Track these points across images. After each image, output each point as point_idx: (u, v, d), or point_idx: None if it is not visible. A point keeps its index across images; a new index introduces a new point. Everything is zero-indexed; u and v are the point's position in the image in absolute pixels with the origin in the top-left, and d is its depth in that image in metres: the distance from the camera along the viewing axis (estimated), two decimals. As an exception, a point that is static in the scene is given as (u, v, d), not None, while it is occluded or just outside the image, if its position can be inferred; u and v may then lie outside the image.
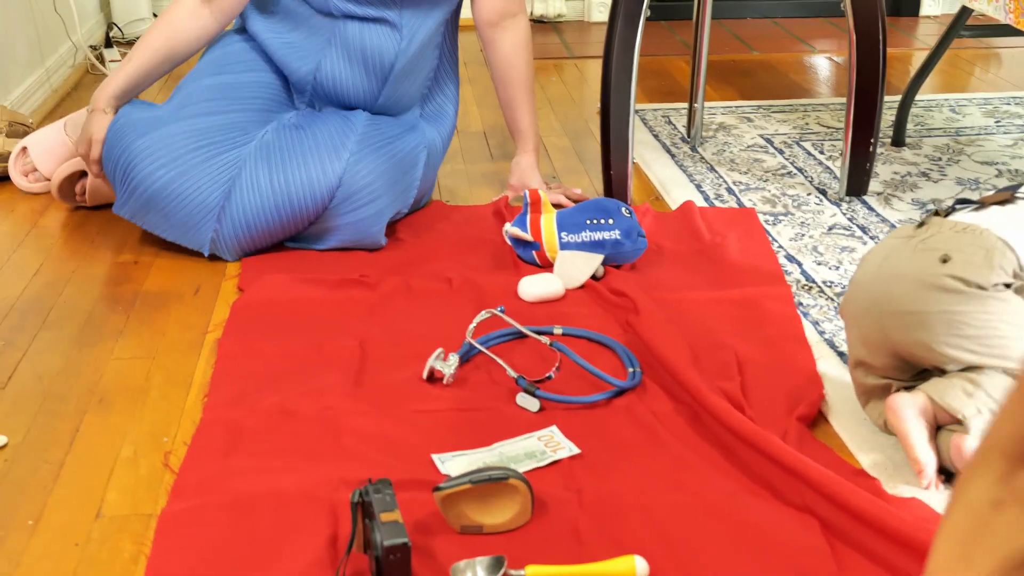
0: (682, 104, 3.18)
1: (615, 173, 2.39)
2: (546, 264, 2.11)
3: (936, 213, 1.60)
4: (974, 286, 1.46)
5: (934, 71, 2.87)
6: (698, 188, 2.56)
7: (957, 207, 1.61)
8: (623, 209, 2.11)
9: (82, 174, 2.39)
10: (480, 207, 2.43)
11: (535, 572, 1.30)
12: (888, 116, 2.85)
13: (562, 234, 2.09)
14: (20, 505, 1.46)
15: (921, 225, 1.57)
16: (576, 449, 1.55)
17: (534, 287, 2.00)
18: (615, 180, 2.40)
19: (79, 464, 1.55)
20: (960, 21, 2.67)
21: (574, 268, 2.05)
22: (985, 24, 2.99)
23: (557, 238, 2.09)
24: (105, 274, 2.14)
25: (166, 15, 2.27)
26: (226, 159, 2.15)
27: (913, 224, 1.60)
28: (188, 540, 1.36)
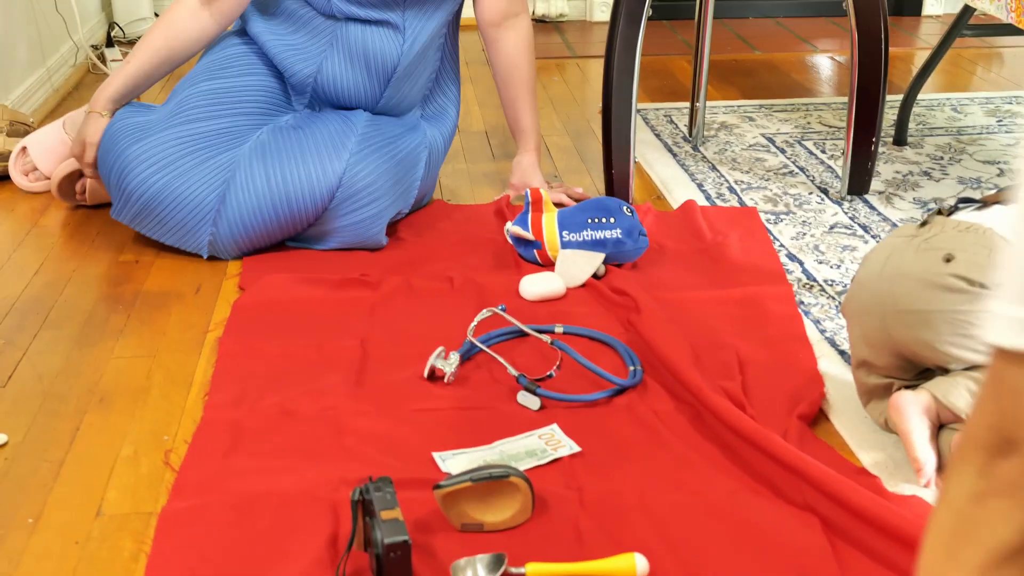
0: (684, 103, 3.18)
1: (616, 172, 2.39)
2: (547, 263, 2.11)
3: (939, 212, 1.59)
4: (978, 285, 1.45)
5: (936, 70, 2.87)
6: (699, 187, 2.56)
7: (960, 206, 1.61)
8: (624, 208, 2.10)
9: (82, 173, 2.39)
10: (481, 206, 2.42)
11: (535, 570, 1.30)
12: (890, 115, 2.85)
13: (563, 233, 2.09)
14: (20, 504, 1.46)
15: (924, 224, 1.57)
16: (577, 447, 1.55)
17: (535, 286, 2.00)
18: (617, 179, 2.39)
19: (79, 463, 1.54)
20: (962, 20, 2.66)
21: (575, 267, 2.05)
22: (987, 23, 3.00)
23: (558, 237, 2.09)
24: (106, 273, 2.14)
25: (166, 17, 2.27)
26: (220, 161, 2.14)
27: (915, 223, 1.60)
28: (188, 539, 1.36)
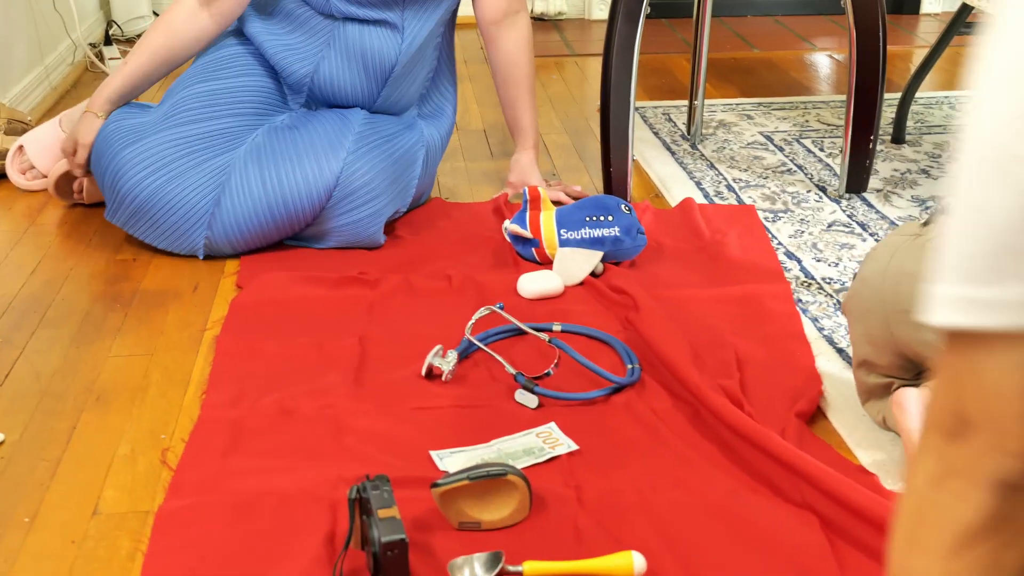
0: (682, 101, 3.17)
1: (615, 170, 2.39)
2: (546, 261, 2.11)
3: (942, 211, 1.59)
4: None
5: (934, 68, 2.86)
6: (698, 185, 2.55)
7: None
8: (623, 206, 2.10)
9: (80, 171, 2.39)
10: (480, 204, 2.42)
11: (533, 568, 1.30)
12: (888, 113, 2.85)
13: (561, 231, 2.09)
14: (17, 502, 1.46)
15: (927, 223, 1.57)
16: (575, 445, 1.55)
17: (534, 284, 2.00)
18: (615, 177, 2.39)
19: (76, 461, 1.54)
20: (960, 18, 2.66)
21: (574, 265, 2.05)
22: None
23: (557, 235, 2.09)
24: (103, 272, 2.13)
25: (165, 17, 2.26)
26: (215, 164, 2.14)
27: (918, 222, 1.60)
28: (186, 537, 1.36)
